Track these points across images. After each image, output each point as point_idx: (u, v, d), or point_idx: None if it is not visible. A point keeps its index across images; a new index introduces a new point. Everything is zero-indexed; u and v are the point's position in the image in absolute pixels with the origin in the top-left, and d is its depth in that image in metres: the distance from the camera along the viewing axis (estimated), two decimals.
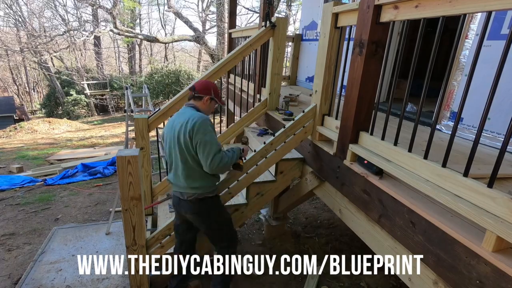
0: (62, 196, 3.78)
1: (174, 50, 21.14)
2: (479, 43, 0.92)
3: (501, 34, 1.70)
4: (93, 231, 2.81)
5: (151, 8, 25.99)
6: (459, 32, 1.24)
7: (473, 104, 1.48)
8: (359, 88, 1.39)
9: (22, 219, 3.17)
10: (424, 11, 1.11)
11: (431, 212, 1.10)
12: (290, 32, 11.38)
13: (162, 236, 1.91)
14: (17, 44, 14.43)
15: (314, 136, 1.90)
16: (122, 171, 1.58)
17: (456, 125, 1.04)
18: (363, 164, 1.41)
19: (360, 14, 1.36)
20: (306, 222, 3.18)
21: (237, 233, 1.85)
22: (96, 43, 16.49)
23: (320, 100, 1.79)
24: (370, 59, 1.35)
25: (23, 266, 2.37)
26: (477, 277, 0.95)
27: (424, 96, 1.16)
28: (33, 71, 19.52)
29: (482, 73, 1.31)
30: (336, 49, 1.67)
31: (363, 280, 2.30)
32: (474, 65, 0.95)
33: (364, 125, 1.47)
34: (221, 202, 1.74)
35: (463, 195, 1.01)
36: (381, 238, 1.37)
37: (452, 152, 1.07)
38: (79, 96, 14.55)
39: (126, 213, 1.68)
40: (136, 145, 2.39)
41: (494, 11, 0.92)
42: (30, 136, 9.76)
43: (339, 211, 1.71)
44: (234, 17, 4.61)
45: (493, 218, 0.91)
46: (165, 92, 12.46)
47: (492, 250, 0.90)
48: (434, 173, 1.10)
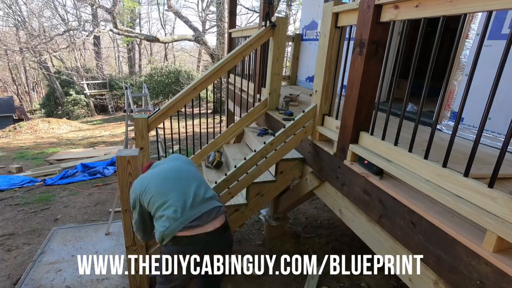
0: (62, 196, 3.77)
1: (174, 50, 21.14)
2: (479, 43, 0.92)
3: (501, 33, 1.69)
4: (92, 231, 2.80)
5: (151, 8, 25.98)
6: (459, 31, 1.24)
7: (474, 104, 1.48)
8: (359, 88, 1.39)
9: (21, 219, 3.17)
10: (424, 11, 1.10)
11: (431, 212, 1.10)
12: (290, 32, 11.40)
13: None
14: (17, 44, 14.42)
15: (314, 136, 1.89)
16: (122, 171, 1.58)
17: (456, 125, 1.04)
18: (364, 164, 1.40)
19: (361, 14, 1.36)
20: (306, 222, 3.18)
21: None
22: (95, 42, 16.48)
23: (320, 100, 1.78)
24: (371, 59, 1.35)
25: (22, 266, 2.36)
26: (478, 277, 0.94)
27: (424, 96, 1.15)
28: (33, 71, 19.50)
29: (483, 73, 1.30)
30: (336, 49, 1.66)
31: (363, 280, 2.29)
32: (475, 65, 0.95)
33: (364, 125, 1.47)
34: None
35: (464, 195, 1.01)
36: (381, 239, 1.37)
37: (453, 152, 1.07)
38: (78, 96, 14.53)
39: (126, 213, 1.68)
40: (136, 145, 2.38)
41: (495, 10, 0.92)
42: (30, 136, 9.75)
43: (339, 211, 1.71)
44: (234, 16, 4.61)
45: (493, 218, 0.91)
46: (165, 92, 12.45)
47: (493, 250, 0.90)
48: (435, 173, 1.10)
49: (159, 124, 2.48)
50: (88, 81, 15.13)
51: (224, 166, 2.96)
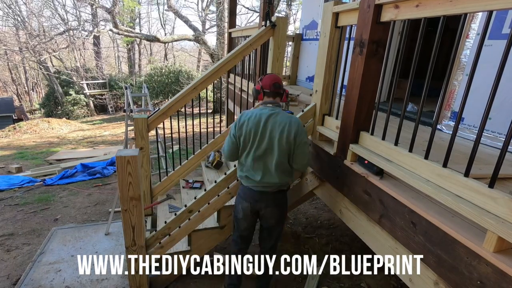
0: (61, 196, 3.77)
1: (174, 49, 21.12)
2: (480, 43, 0.92)
3: (502, 33, 1.69)
4: (92, 231, 2.80)
5: (151, 8, 25.92)
6: (460, 31, 1.23)
7: (474, 104, 1.47)
8: (360, 87, 1.38)
9: (21, 219, 3.16)
10: (424, 11, 1.10)
11: (432, 212, 1.09)
12: (290, 32, 11.38)
13: (161, 236, 1.90)
14: (17, 44, 14.39)
15: (314, 136, 1.89)
16: (121, 171, 1.57)
17: (457, 125, 1.03)
18: (364, 164, 1.40)
19: (361, 14, 1.35)
20: (306, 223, 3.18)
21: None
22: (95, 42, 16.47)
23: (320, 100, 1.78)
24: (371, 58, 1.35)
25: (22, 266, 2.36)
26: (478, 277, 0.94)
27: (424, 95, 1.15)
28: (32, 71, 19.49)
29: (483, 72, 1.30)
30: (337, 48, 1.66)
31: (363, 280, 2.29)
32: (475, 65, 0.94)
33: (364, 125, 1.47)
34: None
35: (464, 195, 1.01)
36: (381, 239, 1.37)
37: (453, 152, 1.07)
38: (78, 96, 14.51)
39: (126, 213, 1.68)
40: (136, 145, 2.38)
41: (495, 10, 0.92)
42: (29, 136, 9.74)
43: (339, 211, 1.71)
44: (234, 16, 4.61)
45: (494, 218, 0.91)
46: (165, 92, 12.44)
47: (493, 250, 0.90)
48: (435, 173, 1.10)
49: (159, 124, 2.48)
50: (88, 81, 15.12)
51: (224, 166, 2.96)
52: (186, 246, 2.11)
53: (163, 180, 2.76)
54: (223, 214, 2.09)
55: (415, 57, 1.16)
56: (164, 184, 2.75)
